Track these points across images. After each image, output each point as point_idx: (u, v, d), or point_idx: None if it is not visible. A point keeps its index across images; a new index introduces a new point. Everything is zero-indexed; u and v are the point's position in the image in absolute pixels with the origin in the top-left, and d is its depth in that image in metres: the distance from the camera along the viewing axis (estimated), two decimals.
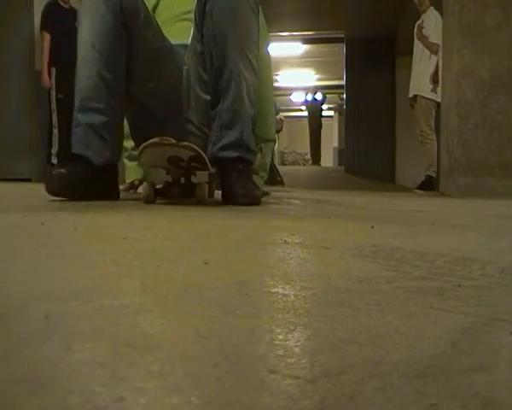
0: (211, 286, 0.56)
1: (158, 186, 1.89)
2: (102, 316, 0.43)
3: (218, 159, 1.96)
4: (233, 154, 1.95)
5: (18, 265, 0.66)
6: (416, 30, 5.22)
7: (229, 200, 1.89)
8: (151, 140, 1.77)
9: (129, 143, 2.46)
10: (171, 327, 0.41)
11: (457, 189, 3.79)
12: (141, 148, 1.80)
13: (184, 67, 2.12)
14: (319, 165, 13.69)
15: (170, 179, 1.93)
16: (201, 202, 1.87)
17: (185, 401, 0.28)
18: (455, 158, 3.83)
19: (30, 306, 0.45)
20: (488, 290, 0.57)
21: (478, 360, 0.34)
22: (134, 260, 0.71)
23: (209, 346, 0.36)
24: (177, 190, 1.90)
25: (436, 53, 4.94)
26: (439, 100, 4.87)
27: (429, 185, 4.99)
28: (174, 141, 1.76)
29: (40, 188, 1.85)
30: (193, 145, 1.78)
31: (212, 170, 2.03)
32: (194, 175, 1.96)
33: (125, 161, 2.58)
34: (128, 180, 2.52)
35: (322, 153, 18.49)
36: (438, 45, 4.84)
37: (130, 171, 2.58)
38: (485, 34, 3.77)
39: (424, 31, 5.09)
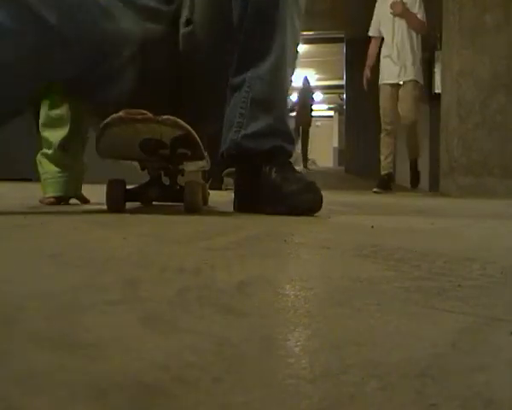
0: (211, 286, 0.56)
1: (129, 186, 1.42)
2: (103, 316, 0.43)
3: (244, 151, 1.38)
4: (271, 143, 1.37)
5: (18, 265, 0.66)
6: (394, 5, 4.39)
7: (280, 206, 1.36)
8: (113, 115, 1.22)
9: (51, 134, 1.63)
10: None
11: (457, 189, 3.79)
12: (100, 129, 1.26)
13: (184, 28, 1.44)
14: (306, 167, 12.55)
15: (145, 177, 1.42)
16: (192, 210, 1.39)
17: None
18: (455, 158, 3.84)
19: (30, 306, 0.45)
20: (488, 290, 0.57)
21: (478, 360, 0.34)
22: (134, 260, 0.71)
23: (208, 346, 0.36)
24: (155, 193, 1.42)
25: (424, 32, 4.45)
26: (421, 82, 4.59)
27: (417, 180, 4.85)
28: (150, 114, 1.21)
29: (40, 188, 1.85)
30: (179, 120, 1.23)
31: (206, 163, 1.48)
32: (182, 175, 1.47)
33: (40, 160, 1.69)
34: (46, 195, 1.70)
35: (322, 153, 18.47)
36: (424, 23, 4.38)
37: (47, 182, 1.67)
38: (485, 34, 3.78)
39: (409, 6, 4.38)
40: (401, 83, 4.69)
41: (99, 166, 1.74)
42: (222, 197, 2.34)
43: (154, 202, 1.52)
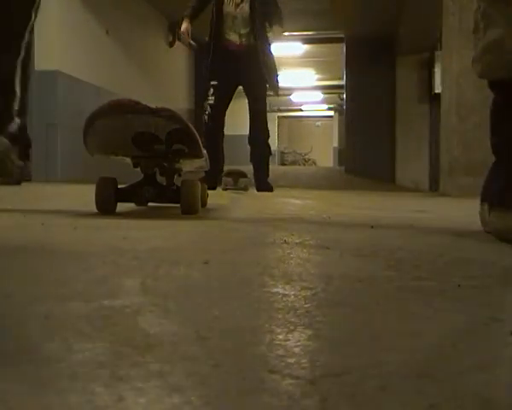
0: (211, 286, 0.56)
1: (121, 186, 1.30)
2: (102, 316, 0.43)
3: None
4: None
5: (18, 265, 0.66)
6: None
7: None
8: (102, 105, 1.11)
9: None
10: (171, 327, 0.41)
11: (457, 189, 3.79)
12: (87, 120, 1.13)
13: None
14: None
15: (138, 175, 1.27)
16: (189, 212, 1.28)
17: (185, 401, 0.28)
18: (455, 158, 3.84)
19: (30, 306, 0.45)
20: (488, 290, 0.57)
21: (478, 360, 0.34)
22: (134, 261, 0.71)
23: (209, 346, 0.36)
24: (150, 193, 1.29)
25: None
26: None
27: None
28: (143, 104, 1.10)
29: (40, 188, 1.85)
30: (175, 113, 1.14)
31: (205, 162, 1.39)
32: (179, 175, 1.34)
33: None
34: None
35: (322, 153, 18.40)
36: None
37: None
38: None
39: None
40: None
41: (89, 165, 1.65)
42: (221, 198, 2.34)
43: (148, 203, 1.41)
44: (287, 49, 10.53)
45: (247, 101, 3.70)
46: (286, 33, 9.23)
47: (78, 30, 5.17)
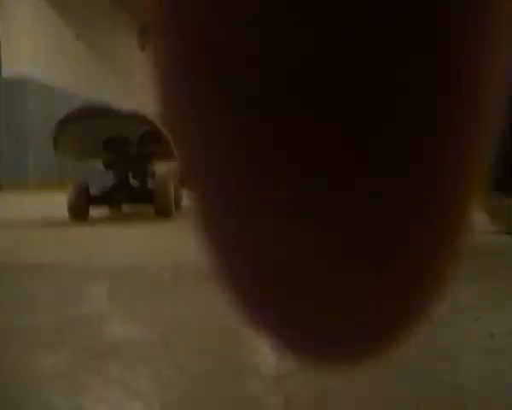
0: (178, 288, 0.55)
1: (93, 190, 1.28)
2: (67, 325, 0.42)
3: None
4: None
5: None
6: None
7: None
8: (71, 110, 1.11)
9: None
10: (136, 332, 0.40)
11: None
12: (57, 125, 1.13)
13: None
14: None
15: (110, 181, 1.26)
16: (162, 213, 1.27)
17: (146, 406, 0.27)
18: None
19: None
20: (469, 276, 0.57)
21: (442, 347, 0.35)
22: (103, 267, 0.70)
23: (174, 349, 0.36)
24: (122, 196, 1.27)
25: None
26: None
27: None
28: (114, 108, 1.10)
29: (10, 198, 1.81)
30: (145, 114, 1.13)
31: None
32: (153, 177, 1.33)
33: None
34: None
35: None
36: None
37: None
38: None
39: None
40: None
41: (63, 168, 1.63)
42: None
43: (121, 206, 1.40)
44: None
45: None
46: None
47: (47, 35, 5.10)
